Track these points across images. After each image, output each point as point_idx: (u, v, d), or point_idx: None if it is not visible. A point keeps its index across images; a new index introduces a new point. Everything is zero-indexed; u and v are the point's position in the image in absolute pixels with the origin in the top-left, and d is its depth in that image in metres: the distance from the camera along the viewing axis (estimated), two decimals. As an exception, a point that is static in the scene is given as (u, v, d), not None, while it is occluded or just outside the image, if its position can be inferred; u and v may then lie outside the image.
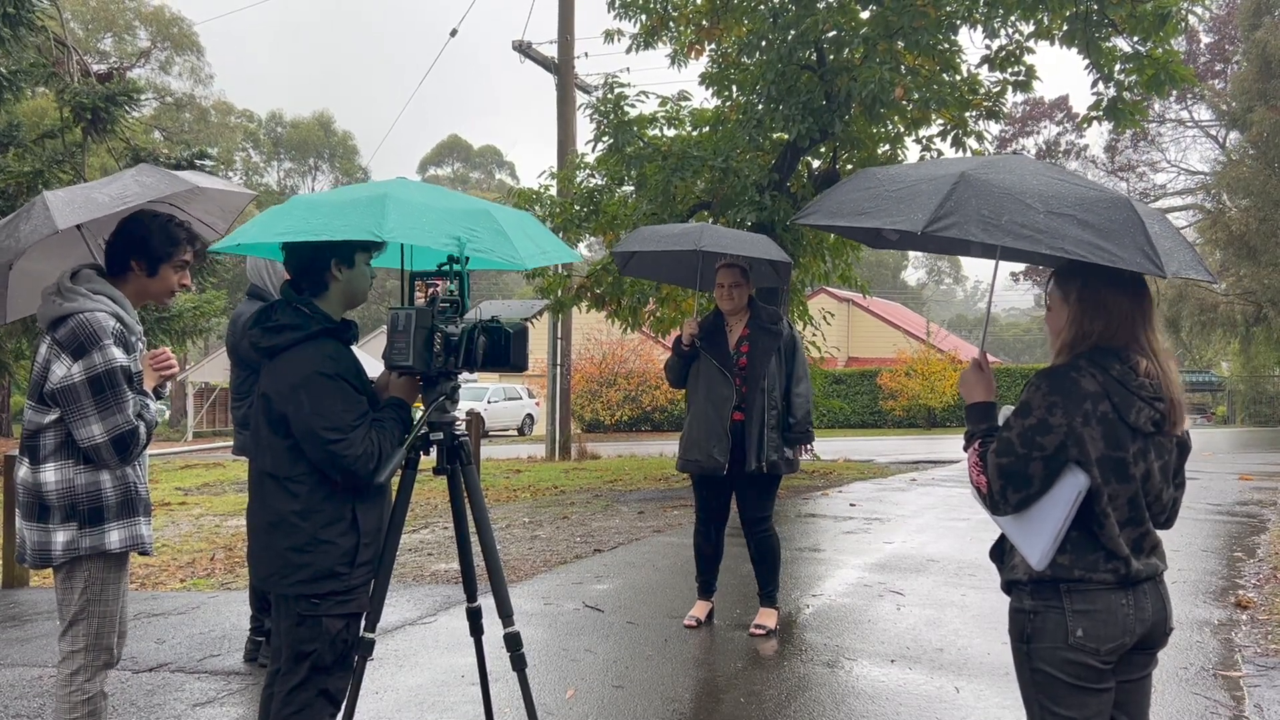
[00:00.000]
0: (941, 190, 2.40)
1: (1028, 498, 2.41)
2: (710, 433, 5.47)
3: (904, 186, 2.53)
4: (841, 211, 2.63)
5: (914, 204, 2.42)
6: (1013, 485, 2.40)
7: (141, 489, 3.28)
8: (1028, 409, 2.42)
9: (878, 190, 2.58)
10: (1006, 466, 2.41)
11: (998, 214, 2.34)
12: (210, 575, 7.64)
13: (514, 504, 11.97)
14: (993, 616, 6.04)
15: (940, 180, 2.46)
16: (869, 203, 2.56)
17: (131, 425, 3.10)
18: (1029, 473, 2.39)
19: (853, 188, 2.69)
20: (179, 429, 37.93)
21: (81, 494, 3.14)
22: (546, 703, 4.50)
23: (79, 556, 3.15)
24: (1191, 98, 37.60)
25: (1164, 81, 11.23)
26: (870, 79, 10.49)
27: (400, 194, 3.02)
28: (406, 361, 3.06)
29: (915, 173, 2.61)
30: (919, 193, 2.45)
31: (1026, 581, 2.47)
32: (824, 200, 2.73)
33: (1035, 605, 2.46)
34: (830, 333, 15.73)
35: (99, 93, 12.95)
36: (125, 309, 3.22)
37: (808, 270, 13.78)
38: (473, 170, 77.25)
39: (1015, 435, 2.41)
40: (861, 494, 12.50)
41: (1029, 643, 2.47)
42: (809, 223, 2.73)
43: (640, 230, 6.55)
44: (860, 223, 2.56)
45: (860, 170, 2.83)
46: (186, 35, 48.74)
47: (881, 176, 2.67)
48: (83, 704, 3.18)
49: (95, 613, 3.20)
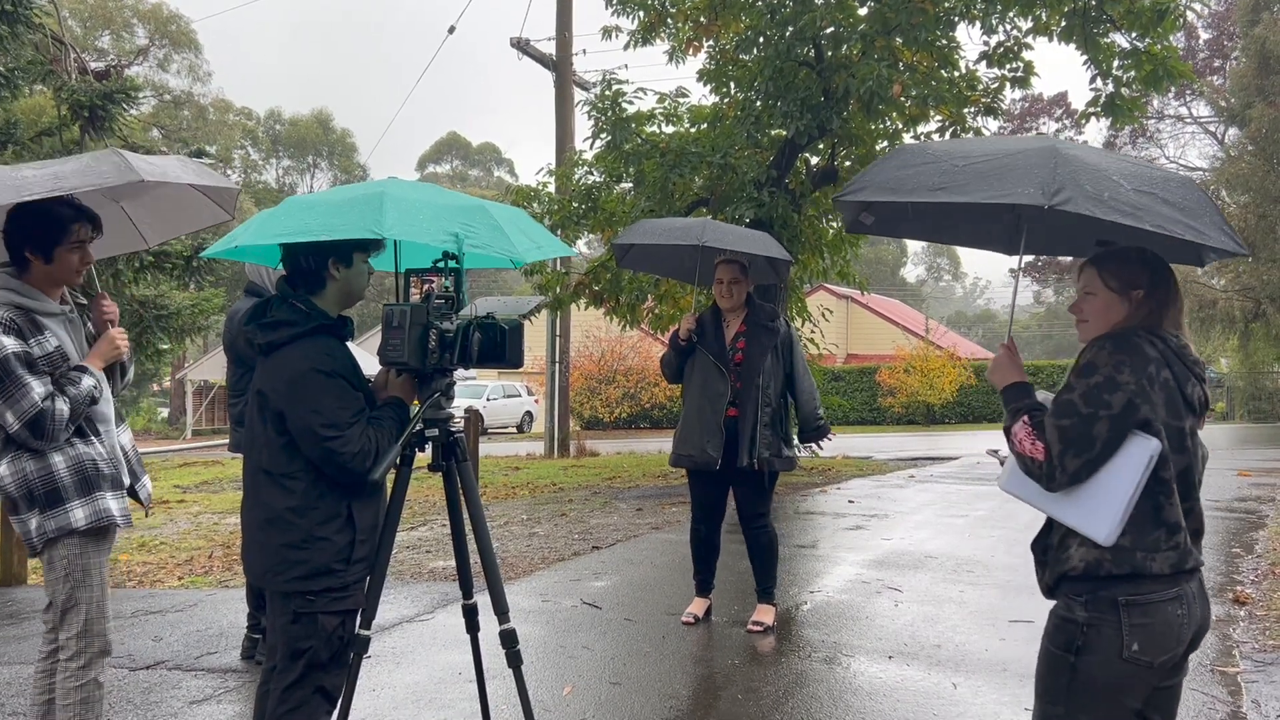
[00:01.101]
0: (1045, 164, 2.33)
1: (1089, 464, 2.32)
2: (704, 428, 5.47)
3: (984, 160, 2.43)
4: (903, 187, 2.49)
5: (1012, 179, 2.33)
6: (1074, 449, 2.32)
7: (105, 465, 3.31)
8: (1092, 368, 2.35)
9: (945, 166, 2.46)
10: (1069, 428, 2.33)
11: (1099, 190, 2.29)
12: (208, 573, 7.63)
13: (513, 501, 11.97)
14: (990, 613, 6.04)
15: (1031, 154, 2.39)
16: (940, 178, 2.43)
17: (39, 407, 3.11)
18: (1093, 433, 2.30)
19: (903, 163, 2.56)
20: (178, 427, 37.94)
21: (35, 479, 3.20)
22: (544, 699, 4.50)
23: (51, 539, 3.21)
24: (1190, 94, 37.57)
25: (1162, 78, 11.21)
26: (868, 75, 10.47)
27: (396, 192, 3.03)
28: (402, 358, 3.06)
29: (986, 147, 2.52)
30: (1012, 167, 2.37)
31: (1080, 577, 2.37)
32: (871, 177, 2.57)
33: (1090, 618, 2.36)
34: (829, 330, 15.72)
35: (97, 90, 12.92)
36: (31, 296, 3.25)
37: (806, 267, 13.77)
38: (471, 168, 77.20)
39: (1078, 395, 2.34)
40: (860, 491, 12.50)
41: (1076, 654, 2.38)
42: (859, 199, 2.57)
43: (642, 223, 6.54)
44: (936, 198, 2.42)
45: (899, 149, 2.70)
46: (185, 33, 48.64)
47: (938, 152, 2.55)
48: (75, 690, 3.21)
49: (83, 598, 3.24)
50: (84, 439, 3.28)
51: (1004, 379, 2.60)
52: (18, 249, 3.27)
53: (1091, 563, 2.36)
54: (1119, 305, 2.49)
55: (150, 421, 41.86)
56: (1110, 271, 2.51)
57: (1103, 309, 2.52)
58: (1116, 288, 2.50)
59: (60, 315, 3.33)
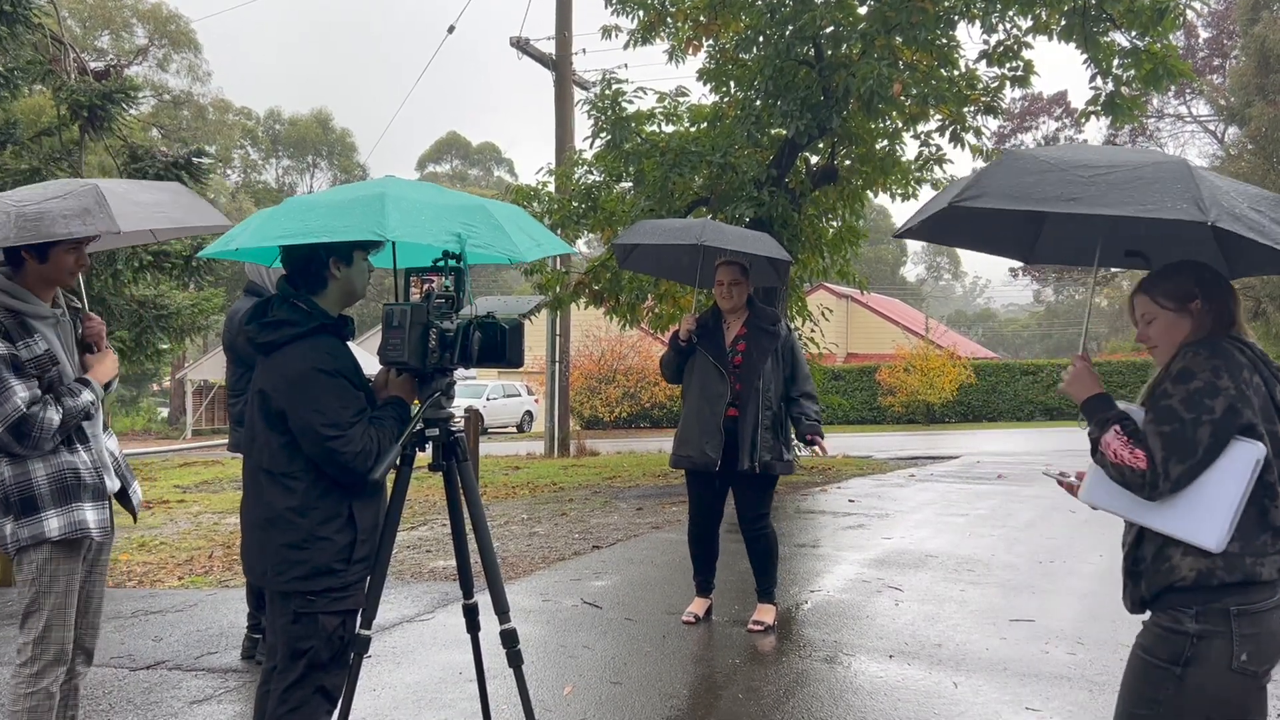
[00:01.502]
0: (1184, 178, 2.29)
1: (1191, 469, 2.30)
2: (703, 429, 5.46)
3: (1112, 171, 2.35)
4: (1029, 195, 2.38)
5: (1157, 193, 2.26)
6: (1177, 455, 2.30)
7: (87, 474, 3.25)
8: (1190, 374, 2.34)
9: (1069, 175, 2.37)
10: (1171, 434, 2.31)
11: (1232, 206, 2.26)
12: (208, 573, 7.63)
13: (513, 501, 11.96)
14: (991, 612, 6.04)
15: (1164, 168, 2.34)
16: (1069, 188, 2.33)
17: (22, 412, 3.06)
18: (1196, 439, 2.29)
19: (1020, 170, 2.45)
20: (178, 427, 37.92)
21: (11, 485, 3.16)
22: (545, 699, 4.49)
23: (23, 546, 3.18)
24: (1190, 93, 37.58)
25: (1162, 76, 11.20)
26: (868, 75, 10.47)
27: (397, 192, 3.01)
28: (402, 358, 3.05)
29: (1102, 157, 2.43)
30: (1151, 180, 2.30)
31: (1192, 588, 2.33)
32: (987, 183, 2.45)
33: (1201, 629, 2.33)
34: (829, 329, 15.71)
35: (96, 90, 12.91)
36: (22, 298, 3.21)
37: (806, 266, 13.76)
38: (471, 167, 77.17)
39: (1179, 401, 2.32)
40: (860, 490, 12.50)
41: (1185, 666, 2.34)
42: (978, 205, 2.46)
43: (641, 223, 6.53)
44: (1070, 208, 2.32)
45: (1004, 155, 2.61)
46: (184, 33, 48.62)
47: (1051, 159, 2.44)
48: (25, 697, 3.16)
49: (46, 605, 3.19)
50: (69, 447, 3.23)
51: (1084, 391, 2.57)
52: (13, 248, 3.21)
53: (1203, 571, 2.33)
54: (1182, 321, 2.50)
55: (150, 421, 41.84)
56: (1161, 291, 2.53)
57: (1167, 329, 2.52)
58: (1173, 306, 2.51)
59: (50, 318, 3.29)
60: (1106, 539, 8.35)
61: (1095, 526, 9.01)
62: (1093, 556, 7.76)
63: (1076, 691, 4.60)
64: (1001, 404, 33.75)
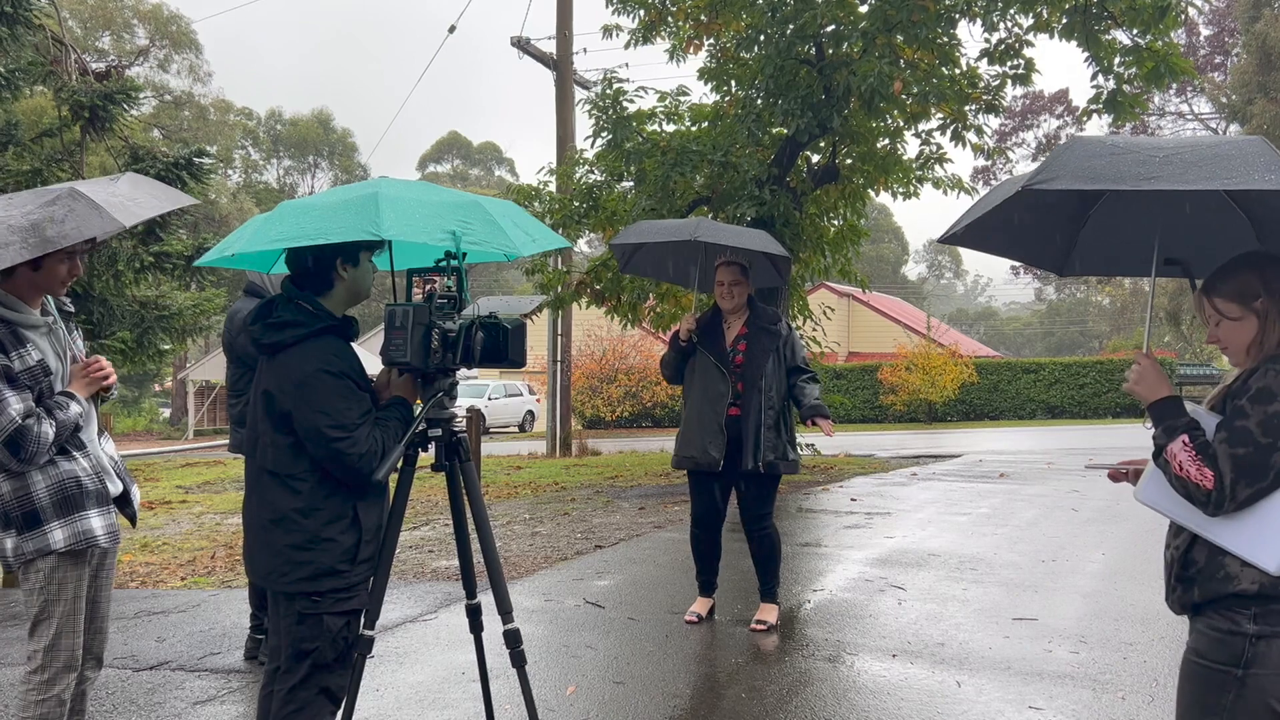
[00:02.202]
0: (1265, 152, 2.20)
1: (1258, 493, 2.24)
2: (705, 429, 5.45)
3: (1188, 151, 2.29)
4: (1104, 176, 2.29)
5: (1238, 166, 2.18)
6: (1247, 479, 2.23)
7: (89, 481, 3.20)
8: (1270, 395, 2.25)
9: (1141, 156, 2.29)
10: (1243, 458, 2.22)
11: None
12: (211, 573, 7.63)
13: (515, 501, 11.96)
14: (994, 611, 6.03)
15: (1242, 144, 2.26)
16: (1144, 167, 2.25)
17: (17, 424, 2.99)
18: (1269, 463, 2.21)
19: (1090, 154, 2.36)
20: (179, 427, 37.95)
21: (11, 500, 3.11)
22: (547, 699, 4.49)
23: (28, 560, 3.14)
24: (1191, 90, 37.57)
25: (1163, 74, 11.20)
26: (869, 73, 10.47)
27: (390, 191, 3.00)
28: (404, 358, 3.05)
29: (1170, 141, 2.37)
30: (1228, 155, 2.22)
31: (1254, 596, 2.27)
32: (1060, 166, 2.36)
33: (1261, 630, 2.26)
34: (830, 328, 15.71)
35: (97, 91, 12.95)
36: (13, 306, 3.15)
37: (808, 265, 13.76)
38: (472, 167, 77.20)
39: (1255, 423, 2.23)
40: (862, 489, 12.49)
41: (1245, 669, 2.27)
42: (1055, 188, 2.35)
43: (638, 224, 6.54)
44: (1149, 186, 2.24)
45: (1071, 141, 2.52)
46: (185, 33, 48.62)
47: (1120, 145, 2.38)
48: (36, 704, 3.14)
49: (55, 613, 3.17)
50: (66, 455, 3.17)
51: (1152, 392, 2.45)
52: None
53: (1267, 584, 2.26)
54: (1247, 322, 2.39)
55: (152, 422, 41.89)
56: (1221, 292, 2.42)
57: (1233, 332, 2.42)
58: (1236, 312, 2.40)
59: (42, 326, 3.21)
60: (1109, 538, 8.35)
61: (1098, 525, 9.00)
62: (1096, 555, 7.75)
63: (1080, 690, 4.59)
64: (1003, 402, 33.74)
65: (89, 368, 3.31)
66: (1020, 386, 33.72)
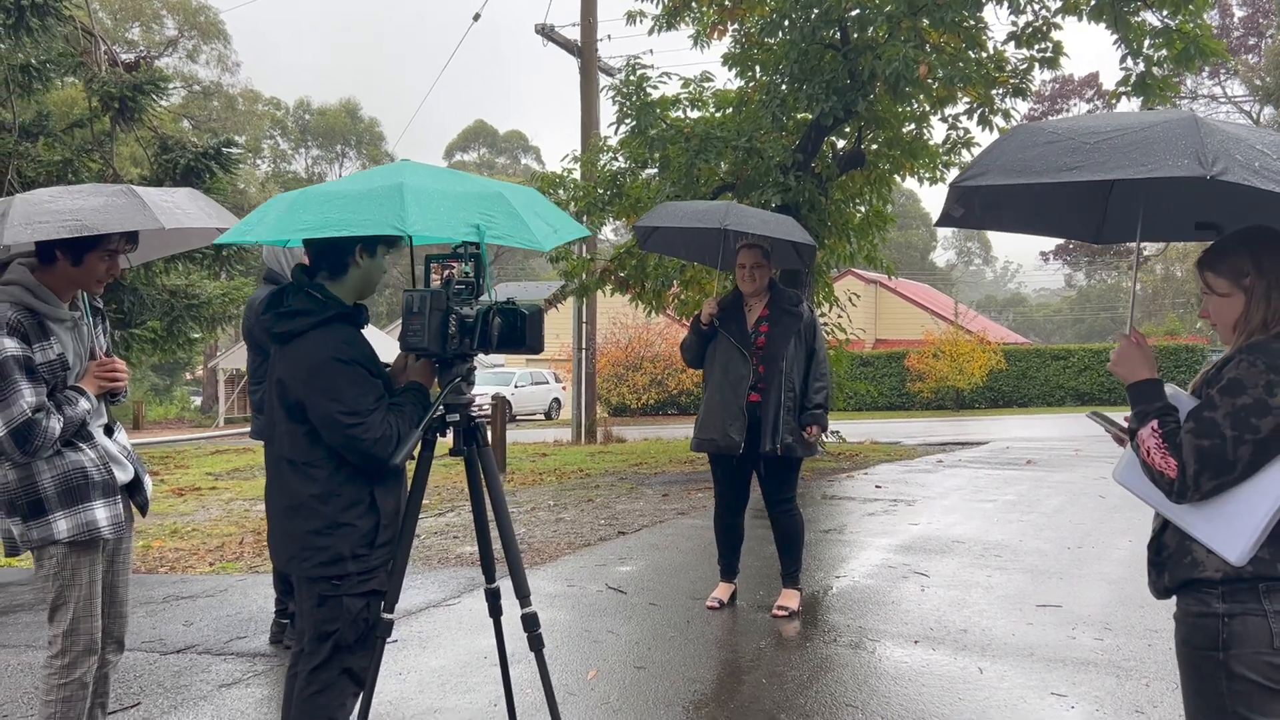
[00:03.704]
0: (1190, 134, 2.16)
1: (1222, 485, 2.21)
2: (726, 412, 5.45)
3: (1118, 134, 2.26)
4: (1030, 169, 2.27)
5: (1159, 151, 2.15)
6: (1210, 471, 2.19)
7: (95, 471, 3.20)
8: (1239, 387, 2.20)
9: (1074, 143, 2.27)
10: (1208, 450, 2.19)
11: (1249, 159, 2.12)
12: (239, 559, 7.71)
13: (539, 487, 12.01)
14: (1018, 597, 6.00)
15: (1171, 125, 2.22)
16: (1072, 156, 2.24)
17: (27, 416, 3.00)
18: (1234, 458, 2.17)
19: (1024, 144, 2.35)
20: (210, 415, 38.36)
21: (16, 489, 3.12)
22: (569, 683, 4.52)
23: (37, 547, 3.16)
24: (1224, 73, 37.01)
25: (1194, 56, 11.04)
26: (894, 57, 10.39)
27: (415, 182, 2.96)
28: (422, 344, 3.06)
29: (1112, 122, 2.33)
30: (1154, 140, 2.19)
31: (1218, 581, 2.24)
32: (991, 160, 2.36)
33: (1231, 609, 2.23)
34: (857, 315, 15.66)
35: (126, 82, 13.04)
36: (44, 298, 3.16)
37: (833, 252, 13.71)
38: (499, 156, 77.24)
39: (1222, 415, 2.19)
40: (887, 476, 12.45)
41: (1225, 650, 2.23)
42: (979, 184, 2.36)
43: (665, 205, 6.49)
44: (1071, 177, 2.22)
45: (1014, 130, 2.51)
46: (213, 23, 48.94)
47: (1060, 130, 2.36)
48: (59, 688, 3.18)
49: (71, 598, 3.19)
50: (73, 446, 3.18)
51: (1132, 373, 2.41)
52: (49, 245, 3.17)
53: (1230, 573, 2.24)
54: (1235, 299, 2.35)
55: (183, 410, 42.30)
56: (1215, 271, 2.37)
57: (1222, 309, 2.38)
58: (1225, 288, 2.36)
59: (68, 321, 3.23)
60: (1135, 524, 8.28)
61: (1125, 512, 8.93)
62: (1122, 542, 7.69)
63: (1104, 677, 4.57)
64: (1032, 389, 33.48)
65: (103, 366, 3.33)
66: (1049, 373, 33.44)
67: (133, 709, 4.30)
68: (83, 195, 3.24)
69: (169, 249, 4.11)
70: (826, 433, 5.53)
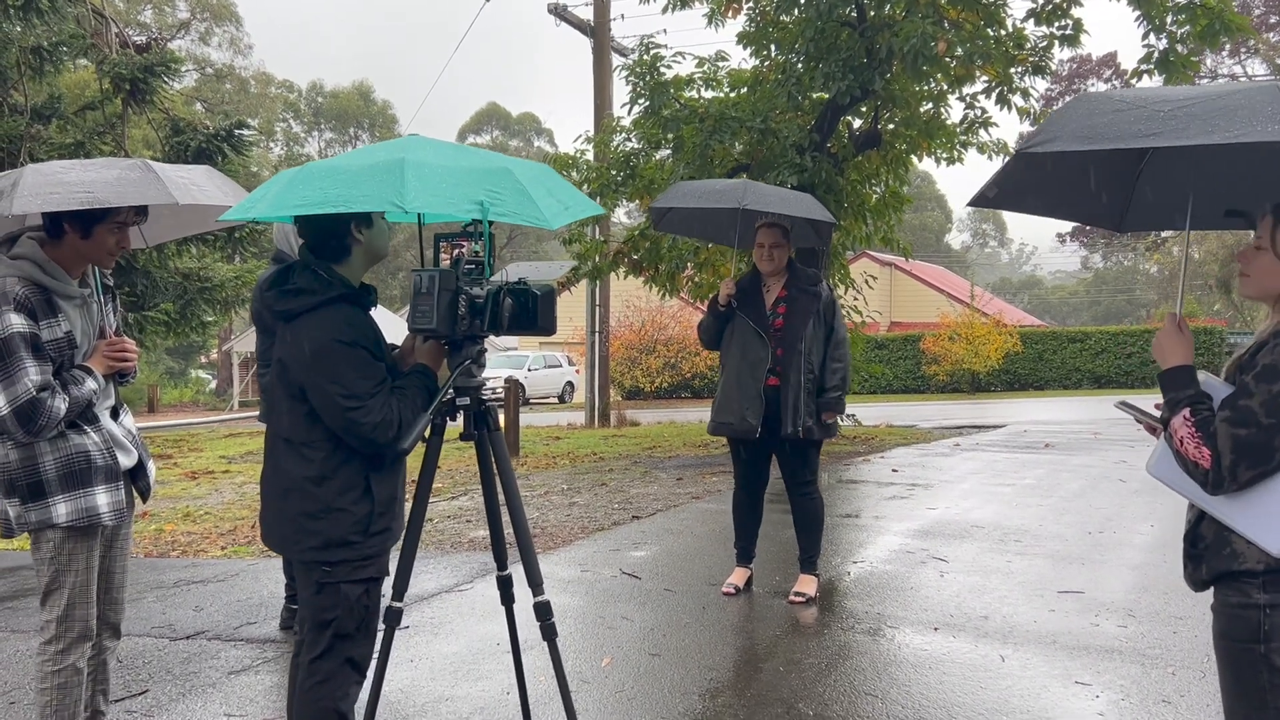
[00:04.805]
0: (1274, 101, 2.04)
1: (1261, 475, 2.12)
2: (743, 395, 5.35)
3: (1195, 103, 2.16)
4: (1103, 135, 2.16)
5: (1244, 118, 2.03)
6: (1248, 461, 2.11)
7: (99, 456, 3.13)
8: (1275, 373, 2.11)
9: (1147, 111, 2.17)
10: (1245, 439, 2.10)
11: None
12: (251, 542, 7.67)
13: (553, 471, 11.95)
14: (1039, 583, 5.90)
15: (1252, 94, 2.10)
16: (1147, 124, 2.13)
17: (31, 395, 2.92)
18: (1273, 445, 2.09)
19: (1092, 111, 2.25)
20: (225, 398, 38.48)
21: (17, 469, 3.05)
22: (583, 670, 4.45)
23: (33, 530, 3.10)
24: (1245, 51, 36.53)
25: (1219, 32, 10.83)
26: (912, 34, 10.22)
27: (417, 156, 2.86)
28: (430, 325, 2.96)
29: (1182, 93, 2.24)
30: (1236, 107, 2.08)
31: (1260, 572, 2.15)
32: (1060, 127, 2.25)
33: (1273, 599, 2.14)
34: (872, 297, 15.53)
35: (138, 64, 12.98)
36: (53, 274, 3.07)
37: (849, 233, 13.56)
38: (512, 138, 77.01)
39: (1259, 403, 2.10)
40: (904, 459, 12.34)
41: (1266, 642, 2.15)
42: (1051, 149, 2.24)
43: (680, 185, 6.36)
44: (1150, 143, 2.12)
45: (1078, 98, 2.40)
46: (225, 6, 48.88)
47: (1128, 99, 2.26)
48: (53, 674, 3.12)
49: (66, 583, 3.13)
50: (77, 429, 3.11)
51: (1169, 358, 2.31)
52: (56, 218, 3.08)
53: (1273, 563, 2.15)
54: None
55: (198, 393, 42.47)
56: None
57: (1267, 270, 2.26)
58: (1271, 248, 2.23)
59: (77, 298, 3.15)
60: (1157, 509, 8.16)
61: (1146, 496, 8.81)
62: (1144, 527, 7.57)
63: (1128, 665, 4.47)
64: (1048, 372, 33.25)
65: (112, 345, 3.25)
66: (1066, 356, 33.20)
67: (141, 696, 4.24)
68: (96, 168, 3.15)
69: (186, 229, 4.02)
70: (842, 417, 5.43)
